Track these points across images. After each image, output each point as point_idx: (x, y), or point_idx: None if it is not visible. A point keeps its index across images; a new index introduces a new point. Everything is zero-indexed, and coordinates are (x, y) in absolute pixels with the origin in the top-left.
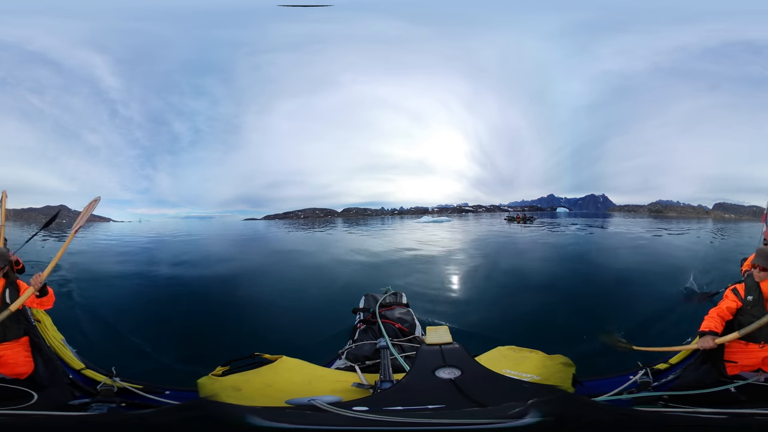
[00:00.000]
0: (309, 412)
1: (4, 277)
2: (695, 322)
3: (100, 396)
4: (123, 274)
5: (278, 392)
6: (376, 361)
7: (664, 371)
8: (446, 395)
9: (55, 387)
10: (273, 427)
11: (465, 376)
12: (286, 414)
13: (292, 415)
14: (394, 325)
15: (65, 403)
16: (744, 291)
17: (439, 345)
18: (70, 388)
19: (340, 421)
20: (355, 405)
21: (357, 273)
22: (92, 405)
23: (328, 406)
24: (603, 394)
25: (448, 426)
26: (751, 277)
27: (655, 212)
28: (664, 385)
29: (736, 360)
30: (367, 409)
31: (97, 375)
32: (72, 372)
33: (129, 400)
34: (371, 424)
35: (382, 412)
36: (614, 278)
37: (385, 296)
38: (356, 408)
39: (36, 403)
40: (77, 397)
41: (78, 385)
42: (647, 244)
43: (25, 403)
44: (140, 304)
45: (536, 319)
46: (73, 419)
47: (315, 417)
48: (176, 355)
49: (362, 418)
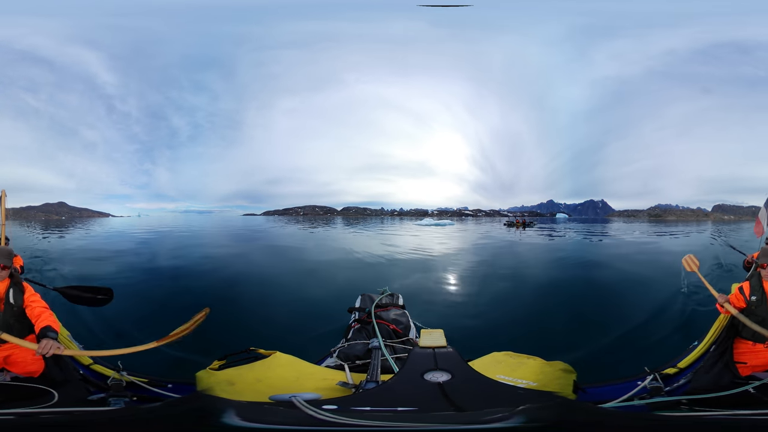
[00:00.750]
0: (282, 409)
1: (9, 277)
2: (696, 325)
3: (112, 390)
4: (122, 267)
5: (267, 387)
6: (366, 361)
7: (674, 375)
8: (427, 399)
9: (70, 384)
10: (247, 427)
11: (454, 380)
12: (263, 410)
13: (267, 411)
14: (389, 326)
15: (84, 399)
16: (749, 291)
17: (432, 348)
18: (83, 384)
19: (309, 420)
20: (325, 404)
21: (355, 272)
22: (109, 400)
23: (302, 403)
24: (608, 401)
25: (409, 428)
26: (756, 277)
27: (655, 216)
28: (677, 390)
29: (745, 361)
30: (336, 408)
31: (106, 370)
32: (81, 368)
33: (138, 394)
34: (334, 425)
35: (347, 413)
36: (615, 284)
37: (381, 297)
38: (325, 407)
39: (59, 401)
40: (92, 393)
41: (89, 380)
42: (648, 249)
43: (47, 401)
44: (140, 298)
45: (536, 325)
46: (100, 414)
47: (288, 414)
48: (175, 347)
49: (323, 418)
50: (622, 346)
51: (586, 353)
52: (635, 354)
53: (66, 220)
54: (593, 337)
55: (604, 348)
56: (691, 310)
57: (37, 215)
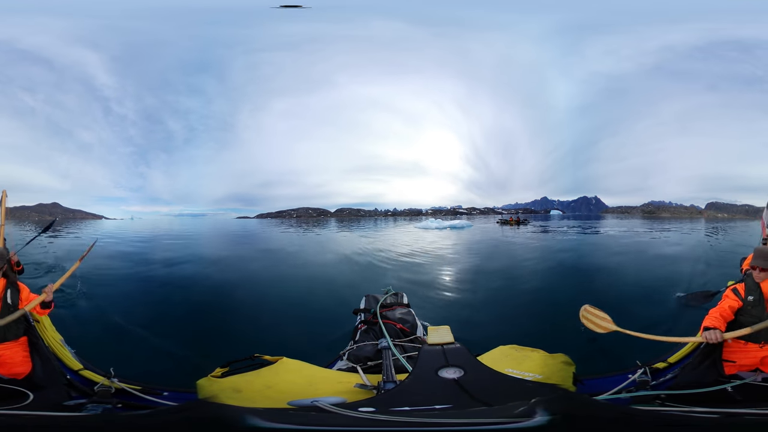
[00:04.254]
0: (313, 413)
1: (4, 277)
2: (693, 325)
3: (97, 397)
4: (119, 273)
5: (279, 394)
6: (377, 361)
7: (662, 370)
8: (451, 395)
9: (52, 387)
10: (275, 428)
11: (468, 375)
12: (289, 415)
13: (296, 416)
14: (396, 325)
15: (60, 403)
16: (744, 291)
17: (441, 345)
18: (66, 389)
19: (344, 422)
20: (360, 406)
21: (356, 274)
22: (87, 406)
23: (331, 407)
24: (603, 392)
25: (456, 426)
26: (751, 277)
27: (648, 213)
28: (662, 384)
29: (735, 359)
30: (374, 410)
31: (95, 376)
32: (70, 372)
33: (126, 401)
34: (378, 425)
35: (390, 413)
36: (609, 279)
37: (385, 297)
38: (362, 409)
39: (31, 403)
40: (74, 398)
41: (75, 385)
42: (642, 247)
43: (20, 402)
44: (137, 304)
45: (537, 318)
46: (65, 419)
47: (319, 418)
48: (174, 355)
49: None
50: (618, 338)
51: (582, 345)
52: (630, 346)
53: (60, 221)
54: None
55: (599, 340)
56: (689, 312)
57: (30, 215)
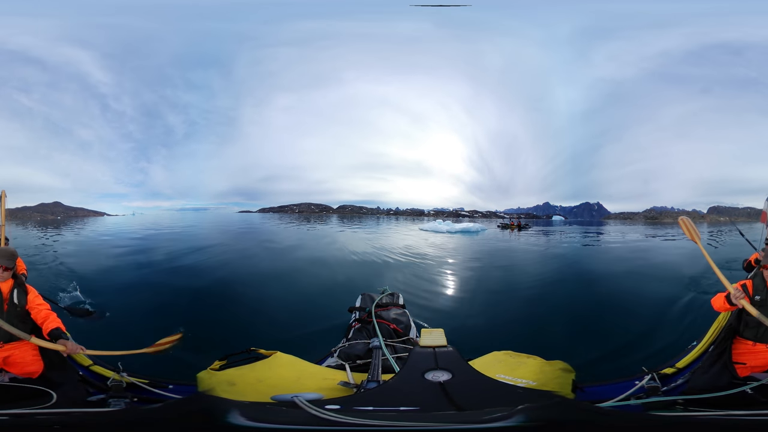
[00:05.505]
0: (284, 409)
1: (13, 278)
2: (700, 328)
3: (112, 391)
4: (120, 267)
5: (268, 388)
6: (367, 360)
7: (671, 375)
8: (429, 398)
9: (69, 385)
10: (251, 426)
11: (455, 379)
12: (266, 411)
13: (270, 412)
14: (389, 325)
15: (83, 400)
16: (752, 289)
17: (433, 348)
18: (83, 385)
19: (312, 420)
20: (328, 404)
21: (355, 272)
22: (109, 401)
23: (305, 403)
24: (606, 400)
25: (412, 428)
26: (761, 276)
27: (651, 219)
28: (675, 389)
29: (745, 361)
30: (339, 407)
31: (105, 371)
32: (81, 369)
33: (138, 395)
34: (338, 424)
35: (351, 412)
36: (614, 288)
37: (381, 296)
38: (328, 407)
39: (57, 401)
40: (92, 394)
41: (89, 381)
42: (646, 254)
43: (45, 401)
44: (138, 298)
45: (535, 325)
46: (99, 415)
47: (291, 414)
48: (176, 348)
49: (327, 417)
50: (622, 346)
51: (585, 352)
52: (633, 352)
53: (62, 220)
54: (593, 337)
55: (604, 347)
56: (690, 308)
57: (32, 215)
